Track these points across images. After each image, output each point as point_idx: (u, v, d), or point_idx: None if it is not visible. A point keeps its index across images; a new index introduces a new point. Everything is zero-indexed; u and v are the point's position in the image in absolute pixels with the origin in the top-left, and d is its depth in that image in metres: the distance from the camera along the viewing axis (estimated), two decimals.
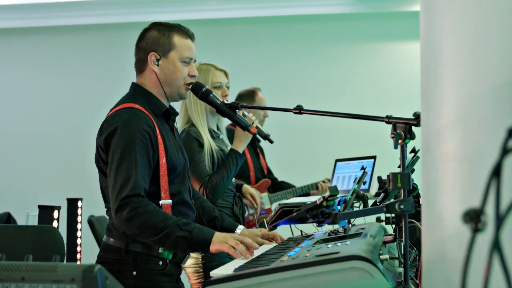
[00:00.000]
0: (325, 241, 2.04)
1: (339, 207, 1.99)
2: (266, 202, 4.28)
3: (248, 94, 4.45)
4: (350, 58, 6.59)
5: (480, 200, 0.93)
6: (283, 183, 4.58)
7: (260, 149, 4.54)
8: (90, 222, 4.54)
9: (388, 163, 3.01)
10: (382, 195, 2.22)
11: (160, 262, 2.35)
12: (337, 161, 4.17)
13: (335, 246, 1.79)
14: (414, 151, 2.18)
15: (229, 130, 3.67)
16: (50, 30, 6.83)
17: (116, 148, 2.28)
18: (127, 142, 2.27)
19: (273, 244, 2.51)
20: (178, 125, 3.18)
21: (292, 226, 2.67)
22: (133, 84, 2.51)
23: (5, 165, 6.79)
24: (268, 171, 4.53)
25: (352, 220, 2.24)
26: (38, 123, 6.78)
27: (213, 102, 2.55)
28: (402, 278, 1.75)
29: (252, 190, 3.50)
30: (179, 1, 6.46)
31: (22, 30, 6.86)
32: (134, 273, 2.31)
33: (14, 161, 6.79)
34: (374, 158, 3.93)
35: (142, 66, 2.48)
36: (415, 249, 2.12)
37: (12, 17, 6.73)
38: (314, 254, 1.67)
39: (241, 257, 2.18)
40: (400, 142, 1.81)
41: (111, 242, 2.36)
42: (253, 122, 2.78)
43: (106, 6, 6.58)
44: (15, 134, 6.81)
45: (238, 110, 2.57)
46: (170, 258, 2.37)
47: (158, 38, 2.44)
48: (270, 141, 2.77)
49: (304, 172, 5.24)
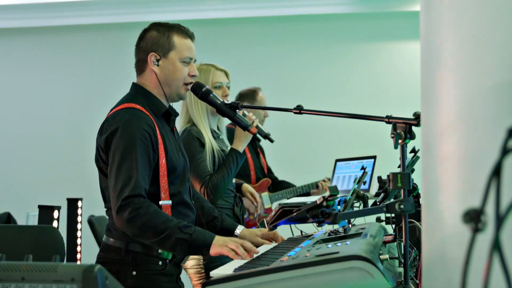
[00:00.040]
0: (325, 241, 2.04)
1: (339, 207, 1.99)
2: (266, 201, 4.28)
3: (248, 94, 4.45)
4: (350, 58, 6.59)
5: (480, 200, 0.93)
6: (284, 183, 4.58)
7: (260, 148, 4.54)
8: (90, 222, 4.53)
9: (388, 163, 3.00)
10: (382, 195, 2.22)
11: (160, 262, 2.35)
12: (337, 161, 4.18)
13: (335, 246, 1.80)
14: (414, 151, 2.18)
15: (229, 130, 3.67)
16: (50, 30, 6.82)
17: (116, 148, 2.28)
18: (128, 142, 2.27)
19: (273, 244, 2.51)
20: (179, 125, 3.19)
21: (292, 226, 2.67)
22: (133, 84, 2.51)
23: (5, 165, 6.79)
24: (268, 171, 4.54)
25: (352, 220, 2.24)
26: (38, 123, 6.77)
27: (213, 102, 2.55)
28: (402, 278, 1.75)
29: (251, 189, 3.50)
30: (179, 1, 6.46)
31: (22, 30, 6.86)
32: (134, 273, 2.31)
33: (14, 161, 6.79)
34: (374, 158, 3.93)
35: (142, 67, 2.48)
36: (415, 249, 2.12)
37: (12, 17, 6.73)
38: (314, 254, 1.67)
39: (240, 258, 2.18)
40: (400, 142, 1.81)
41: (111, 242, 2.36)
42: (253, 121, 2.78)
43: (106, 6, 6.57)
44: (15, 134, 6.81)
45: (238, 110, 2.57)
46: (170, 258, 2.37)
47: (158, 39, 2.44)
48: (271, 140, 2.77)
49: (304, 172, 5.24)
